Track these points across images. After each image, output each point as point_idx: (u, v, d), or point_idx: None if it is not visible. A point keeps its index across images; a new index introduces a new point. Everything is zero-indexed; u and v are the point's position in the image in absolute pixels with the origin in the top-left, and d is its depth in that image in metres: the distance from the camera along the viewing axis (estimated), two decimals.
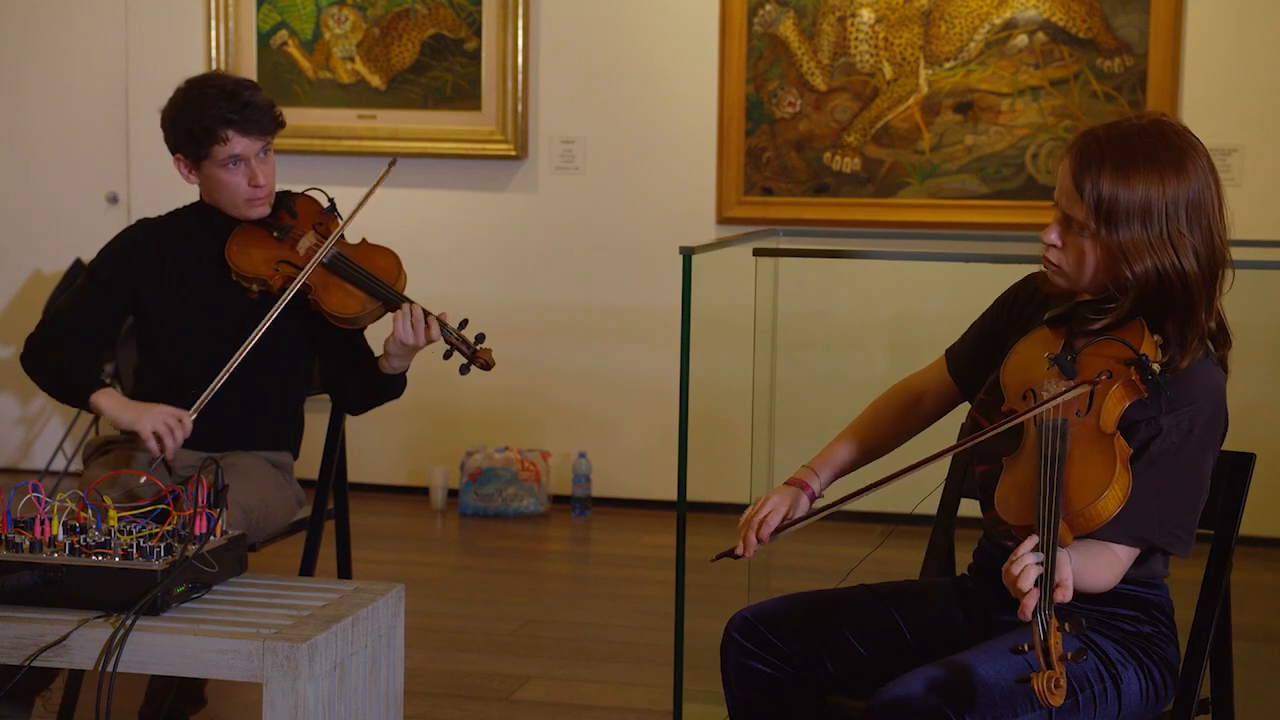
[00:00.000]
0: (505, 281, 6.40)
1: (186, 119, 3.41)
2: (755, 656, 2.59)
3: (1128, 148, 2.40)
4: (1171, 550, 2.42)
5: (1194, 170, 2.40)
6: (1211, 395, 2.43)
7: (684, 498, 3.72)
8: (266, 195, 3.46)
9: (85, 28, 6.62)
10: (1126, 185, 2.38)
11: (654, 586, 5.15)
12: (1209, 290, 2.44)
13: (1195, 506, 2.43)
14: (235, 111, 3.37)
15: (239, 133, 3.38)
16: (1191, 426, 2.39)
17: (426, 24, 6.34)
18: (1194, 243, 2.40)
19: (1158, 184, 2.38)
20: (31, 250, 6.70)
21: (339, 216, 3.52)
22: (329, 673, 2.64)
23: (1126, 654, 2.47)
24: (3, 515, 2.74)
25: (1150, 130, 2.42)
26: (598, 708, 4.06)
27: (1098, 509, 2.30)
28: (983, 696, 2.30)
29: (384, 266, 3.44)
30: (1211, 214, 2.42)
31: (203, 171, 3.44)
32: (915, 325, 5.83)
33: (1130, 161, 2.39)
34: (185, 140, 3.42)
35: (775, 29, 6.08)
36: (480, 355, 3.38)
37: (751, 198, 6.16)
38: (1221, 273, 2.46)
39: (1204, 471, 2.43)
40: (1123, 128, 2.44)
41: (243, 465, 3.37)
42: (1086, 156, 2.41)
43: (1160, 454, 2.39)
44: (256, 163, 3.42)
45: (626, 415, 6.32)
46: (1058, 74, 5.90)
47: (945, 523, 2.89)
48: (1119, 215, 2.39)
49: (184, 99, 3.45)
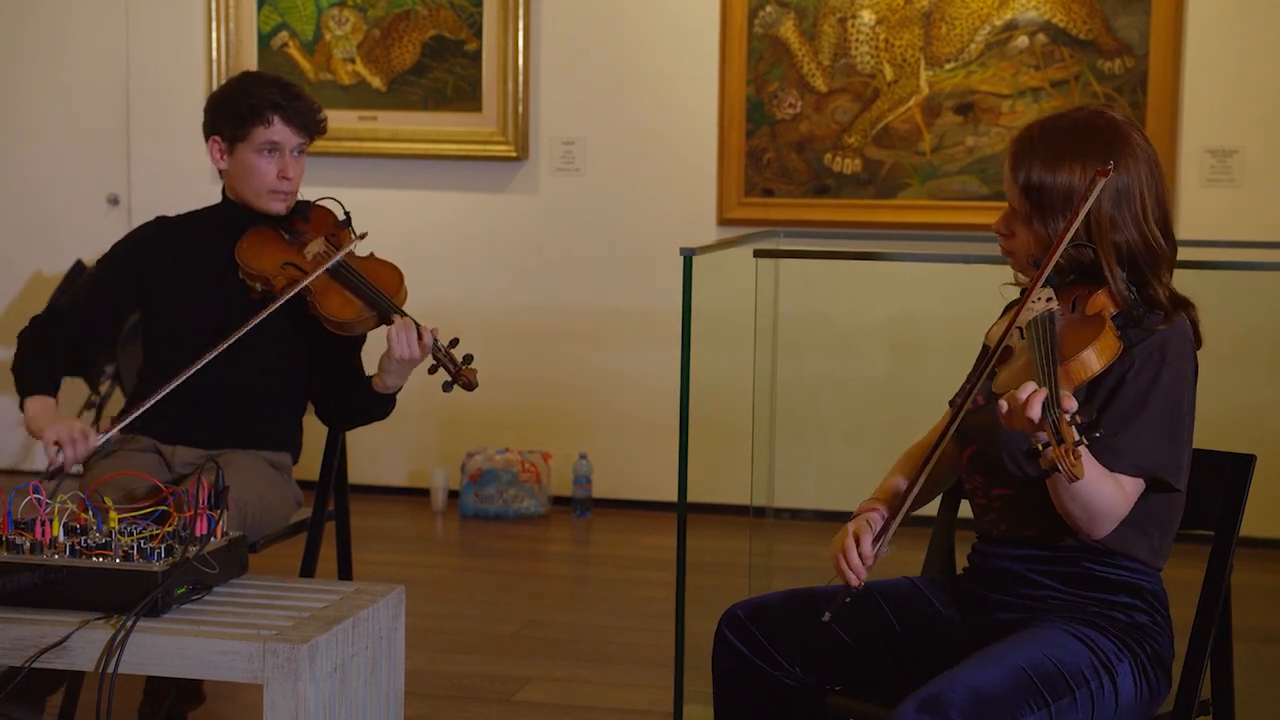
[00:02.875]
0: (506, 283, 6.40)
1: (236, 97, 3.48)
2: (744, 650, 2.60)
3: (1059, 138, 2.51)
4: (1169, 479, 2.45)
5: (1125, 160, 2.48)
6: (1178, 327, 2.51)
7: (684, 499, 3.72)
8: (291, 192, 3.51)
9: (85, 28, 6.62)
10: (1053, 173, 2.48)
11: (654, 588, 5.15)
12: (1141, 278, 2.51)
13: (1179, 436, 2.48)
14: (286, 100, 3.46)
15: (284, 120, 3.45)
16: (1163, 355, 2.46)
17: (427, 25, 6.34)
18: (1124, 232, 2.48)
19: (1081, 171, 2.47)
20: (32, 251, 6.70)
21: (352, 230, 3.54)
22: (329, 674, 2.64)
23: (1122, 649, 2.47)
24: (3, 517, 2.75)
25: (1084, 122, 2.52)
26: (598, 709, 4.06)
27: (1085, 359, 2.38)
28: (980, 706, 2.30)
29: (386, 279, 3.46)
30: (1141, 203, 2.49)
31: (235, 156, 3.48)
32: (915, 326, 5.83)
33: (1059, 152, 2.49)
34: (229, 118, 3.47)
35: (776, 30, 6.08)
36: (464, 374, 3.37)
37: (752, 199, 6.16)
38: (1158, 266, 2.52)
39: (1183, 403, 2.48)
40: (1058, 120, 2.55)
41: (240, 463, 3.38)
42: (1021, 147, 2.53)
43: (1136, 382, 2.45)
44: (290, 157, 3.47)
45: (627, 416, 6.32)
46: (1058, 75, 5.90)
47: (945, 523, 2.90)
48: (1046, 202, 2.49)
49: (237, 81, 3.56)
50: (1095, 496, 2.38)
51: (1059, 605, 2.53)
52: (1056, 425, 2.21)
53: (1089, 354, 2.38)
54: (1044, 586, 2.55)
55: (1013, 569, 2.57)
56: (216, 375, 3.41)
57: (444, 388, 3.38)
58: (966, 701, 2.29)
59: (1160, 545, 2.53)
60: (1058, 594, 2.54)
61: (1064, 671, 2.39)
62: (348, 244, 3.48)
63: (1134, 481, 2.44)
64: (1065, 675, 2.39)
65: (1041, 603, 2.55)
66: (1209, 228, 5.77)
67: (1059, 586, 2.54)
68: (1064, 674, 2.39)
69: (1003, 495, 2.58)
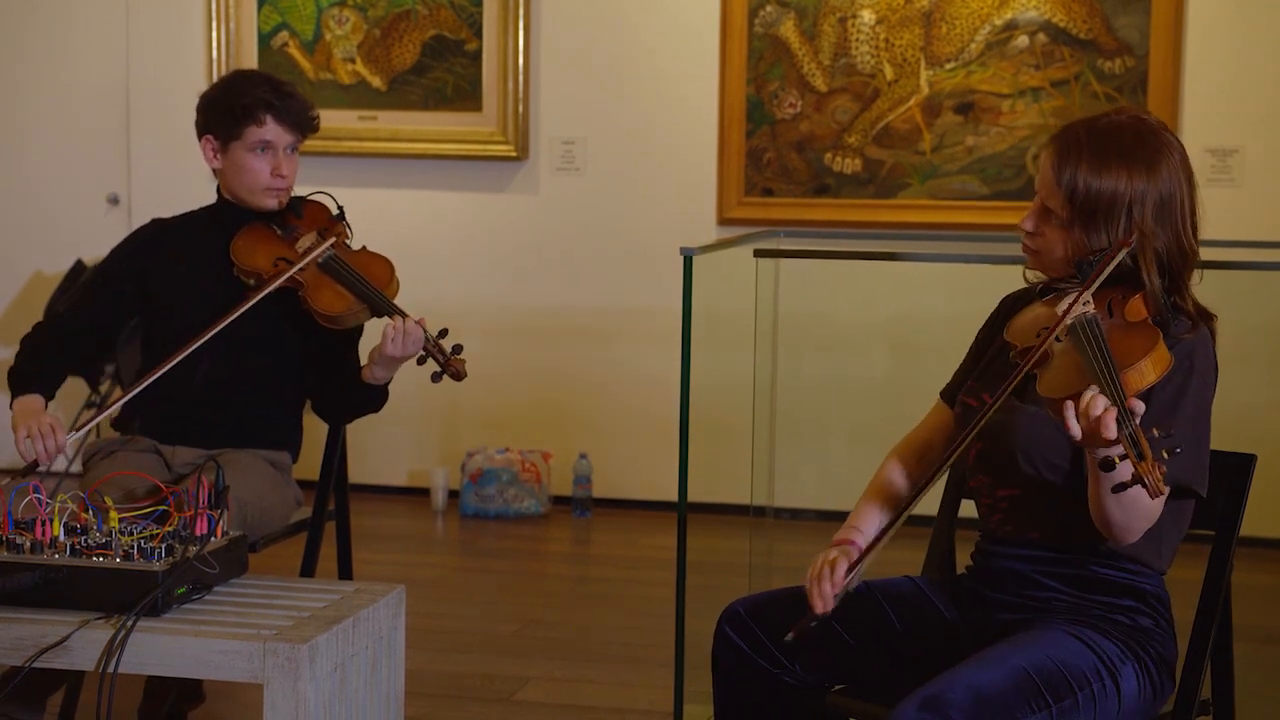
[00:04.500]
0: (506, 282, 6.40)
1: (228, 96, 3.48)
2: (745, 648, 2.60)
3: (1105, 142, 2.49)
4: (1196, 486, 2.45)
5: (1166, 168, 2.48)
6: (1202, 336, 2.50)
7: (684, 498, 3.72)
8: (285, 189, 3.51)
9: (85, 28, 6.62)
10: (1099, 178, 2.47)
11: (654, 587, 5.15)
12: (1173, 285, 2.51)
13: (1204, 444, 2.49)
14: (278, 99, 3.46)
15: (276, 119, 3.45)
16: (1191, 363, 2.46)
17: (427, 25, 6.34)
18: (1163, 239, 2.48)
19: (1128, 179, 2.46)
20: (32, 251, 6.70)
21: (346, 224, 3.54)
22: (330, 674, 2.64)
23: (1126, 651, 2.47)
24: (4, 516, 2.75)
25: (1128, 127, 2.51)
26: (598, 709, 4.06)
27: (1143, 369, 2.32)
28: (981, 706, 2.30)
29: (377, 273, 3.46)
30: (1180, 212, 2.50)
31: (229, 155, 3.48)
32: (915, 326, 5.83)
33: (1105, 156, 2.48)
34: (222, 117, 3.47)
35: (776, 30, 6.08)
36: (453, 364, 3.37)
37: (752, 198, 6.16)
38: (1187, 271, 2.53)
39: (1208, 411, 2.49)
40: (1101, 123, 2.53)
41: (240, 462, 3.38)
42: (1066, 149, 2.51)
43: (1167, 390, 2.43)
44: (284, 155, 3.47)
45: (627, 416, 6.32)
46: (1058, 75, 5.90)
47: (945, 522, 2.90)
48: (1090, 206, 2.48)
49: (229, 80, 3.56)
50: (1146, 507, 2.35)
51: (1062, 607, 2.53)
52: (1135, 439, 2.17)
53: (1145, 364, 2.32)
54: (1048, 588, 2.55)
55: (1017, 569, 2.57)
56: (215, 375, 3.42)
57: (433, 378, 3.39)
58: (967, 701, 2.29)
59: (1167, 550, 2.54)
60: (1061, 596, 2.54)
61: (1066, 673, 2.39)
62: (341, 238, 3.49)
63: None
64: (1067, 676, 2.39)
65: (1045, 604, 2.54)
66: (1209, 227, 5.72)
67: (1063, 588, 2.54)
68: (1066, 675, 2.39)
69: (1009, 496, 2.58)
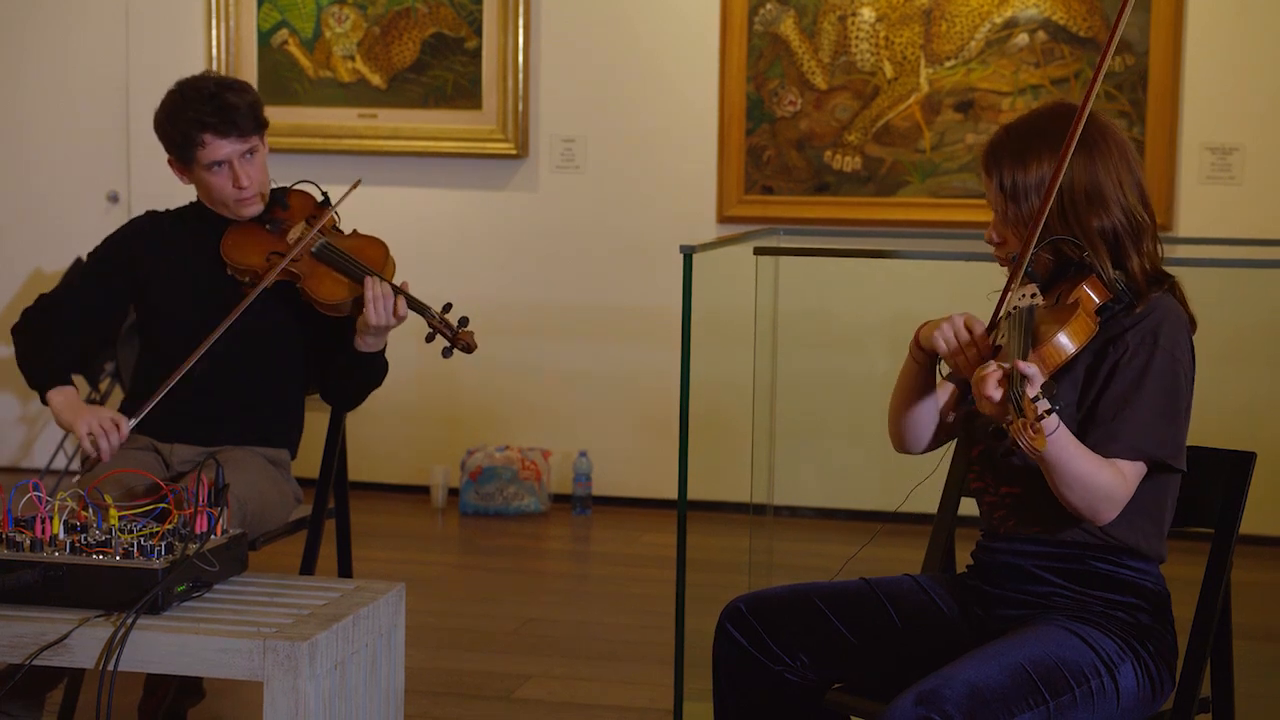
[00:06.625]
0: (506, 280, 6.40)
1: (168, 125, 3.44)
2: (745, 644, 2.60)
3: (1024, 137, 2.56)
4: (1169, 459, 2.47)
5: (1092, 146, 2.51)
6: (1169, 310, 2.52)
7: (684, 497, 3.72)
8: (255, 195, 3.46)
9: (85, 28, 6.62)
10: (1025, 172, 2.54)
11: (654, 585, 5.15)
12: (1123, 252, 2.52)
13: (1177, 418, 2.49)
14: (212, 115, 3.37)
15: (217, 135, 3.38)
16: (1155, 338, 2.48)
17: (427, 23, 6.34)
18: (1107, 217, 2.51)
19: (1051, 164, 2.51)
20: (32, 250, 6.70)
21: (334, 211, 3.53)
22: (330, 671, 2.64)
23: (1125, 647, 2.47)
24: (4, 514, 2.75)
25: (1045, 114, 2.59)
26: (598, 707, 4.06)
27: (1059, 342, 2.41)
28: (977, 702, 2.30)
29: (372, 255, 3.45)
30: (1119, 184, 2.52)
31: (192, 175, 3.48)
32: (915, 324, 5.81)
33: (1026, 149, 2.55)
34: (170, 145, 3.47)
35: (776, 28, 6.08)
36: (462, 337, 3.37)
37: (752, 196, 6.16)
38: (1146, 241, 2.54)
39: (1179, 384, 2.50)
40: (1020, 121, 2.62)
41: (238, 459, 3.38)
42: (992, 153, 2.60)
43: (1130, 366, 2.48)
44: (240, 164, 3.41)
45: (627, 414, 6.32)
46: (1058, 73, 5.90)
47: (945, 521, 2.90)
48: (1020, 197, 2.54)
49: (168, 104, 3.48)
50: (1084, 478, 2.39)
51: (1063, 603, 2.53)
52: (1019, 402, 2.25)
53: (1061, 336, 2.42)
54: (1049, 583, 2.55)
55: (1018, 565, 2.58)
56: (214, 372, 3.41)
57: (444, 353, 3.39)
58: (963, 696, 2.30)
59: (1154, 532, 2.53)
60: (1062, 591, 2.54)
61: (1064, 669, 2.39)
62: (329, 224, 3.48)
63: (1133, 465, 2.45)
64: (1065, 673, 2.39)
65: (1045, 599, 2.55)
66: (1209, 225, 5.77)
67: (1064, 584, 2.54)
68: (1064, 672, 2.39)
69: (1011, 493, 2.58)
